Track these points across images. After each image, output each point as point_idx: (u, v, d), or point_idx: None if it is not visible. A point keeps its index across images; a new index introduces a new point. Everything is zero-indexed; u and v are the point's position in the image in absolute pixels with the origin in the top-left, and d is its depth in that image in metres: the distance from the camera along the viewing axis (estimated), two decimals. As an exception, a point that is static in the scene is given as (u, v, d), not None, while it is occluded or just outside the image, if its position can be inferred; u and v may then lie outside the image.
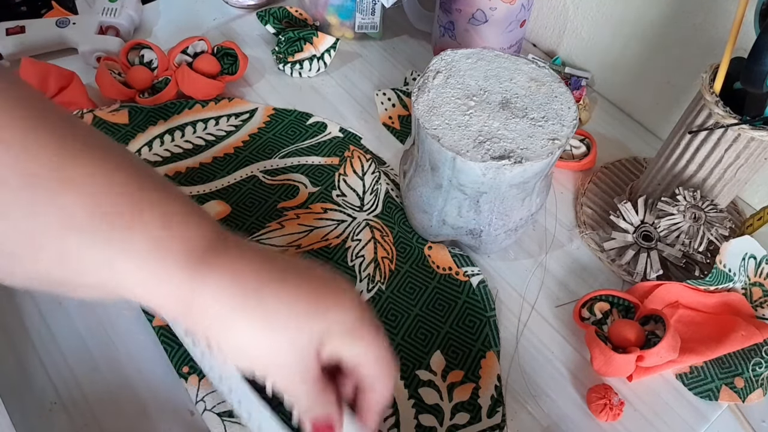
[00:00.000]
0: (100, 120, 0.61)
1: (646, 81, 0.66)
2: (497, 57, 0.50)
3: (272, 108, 0.65)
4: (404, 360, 0.49)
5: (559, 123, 0.46)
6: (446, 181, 0.47)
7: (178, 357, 0.47)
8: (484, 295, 0.52)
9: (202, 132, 0.62)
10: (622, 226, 0.55)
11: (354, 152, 0.62)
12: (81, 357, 0.47)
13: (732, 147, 0.48)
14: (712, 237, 0.51)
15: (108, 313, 0.50)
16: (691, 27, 0.59)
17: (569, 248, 0.57)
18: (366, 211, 0.57)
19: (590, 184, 0.61)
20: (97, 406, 0.45)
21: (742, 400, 0.48)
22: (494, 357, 0.49)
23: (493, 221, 0.50)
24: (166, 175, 0.58)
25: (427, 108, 0.46)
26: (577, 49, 0.71)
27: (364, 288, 0.52)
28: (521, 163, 0.43)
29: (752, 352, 0.50)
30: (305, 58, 0.68)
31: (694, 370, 0.50)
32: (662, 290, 0.51)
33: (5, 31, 0.64)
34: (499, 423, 0.46)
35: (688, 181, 0.52)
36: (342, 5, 0.70)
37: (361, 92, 0.69)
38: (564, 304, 0.53)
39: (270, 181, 0.59)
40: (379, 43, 0.75)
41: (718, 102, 0.47)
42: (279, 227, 0.55)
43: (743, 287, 0.52)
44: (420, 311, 0.51)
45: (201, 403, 0.45)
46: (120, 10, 0.68)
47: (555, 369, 0.50)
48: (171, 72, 0.64)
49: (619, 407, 0.46)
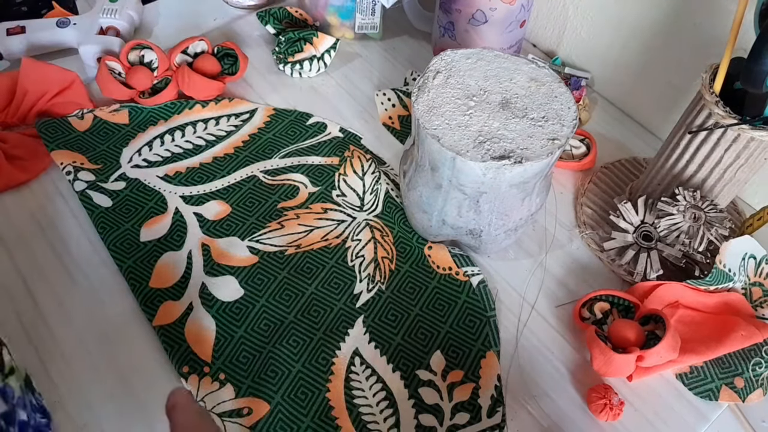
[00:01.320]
0: (101, 120, 0.61)
1: (646, 81, 0.66)
2: (497, 57, 0.50)
3: (272, 108, 0.65)
4: (404, 360, 0.49)
5: (559, 123, 0.46)
6: (446, 181, 0.47)
7: (178, 357, 0.47)
8: (484, 295, 0.52)
9: (202, 132, 0.62)
10: (622, 226, 0.55)
11: (354, 152, 0.62)
12: (81, 357, 0.47)
13: (732, 147, 0.48)
14: (712, 237, 0.51)
15: (108, 312, 0.50)
16: (691, 27, 0.59)
17: (569, 248, 0.57)
18: (366, 211, 0.57)
19: (590, 184, 0.61)
20: (97, 406, 0.45)
21: (742, 400, 0.48)
22: (494, 357, 0.49)
23: (493, 221, 0.50)
24: (166, 175, 0.58)
25: (427, 108, 0.46)
26: (576, 49, 0.71)
27: (363, 288, 0.52)
28: (521, 163, 0.43)
29: (752, 352, 0.50)
30: (305, 59, 0.68)
31: (694, 370, 0.50)
32: (662, 290, 0.51)
33: (6, 31, 0.64)
34: (499, 423, 0.46)
35: (688, 181, 0.53)
36: (342, 6, 0.70)
37: (361, 92, 0.69)
38: (564, 304, 0.53)
39: (270, 181, 0.59)
40: (379, 43, 0.75)
41: (717, 102, 0.47)
42: (279, 227, 0.55)
43: (743, 287, 0.52)
44: (420, 311, 0.51)
45: (201, 404, 0.45)
46: (120, 10, 0.68)
47: (555, 369, 0.50)
48: (171, 72, 0.64)
49: (619, 407, 0.46)
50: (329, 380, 0.47)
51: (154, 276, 0.51)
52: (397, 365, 0.48)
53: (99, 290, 0.51)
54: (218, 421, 0.44)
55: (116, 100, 0.63)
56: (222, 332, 0.49)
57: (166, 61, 0.64)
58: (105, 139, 0.60)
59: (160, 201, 0.56)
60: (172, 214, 0.56)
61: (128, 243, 0.53)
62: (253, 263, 0.53)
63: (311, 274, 0.53)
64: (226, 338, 0.49)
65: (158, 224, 0.55)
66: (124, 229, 0.54)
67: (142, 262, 0.52)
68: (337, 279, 0.53)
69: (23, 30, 0.65)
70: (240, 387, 0.46)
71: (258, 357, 0.48)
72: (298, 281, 0.52)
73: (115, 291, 0.51)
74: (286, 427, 0.45)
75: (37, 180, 0.58)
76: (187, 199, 0.57)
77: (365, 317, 0.51)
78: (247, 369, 0.47)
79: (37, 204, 0.56)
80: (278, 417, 0.45)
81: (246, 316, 0.50)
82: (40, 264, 0.52)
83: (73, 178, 0.56)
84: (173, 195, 0.57)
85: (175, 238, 0.54)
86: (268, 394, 0.46)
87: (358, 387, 0.47)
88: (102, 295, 0.51)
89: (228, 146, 0.61)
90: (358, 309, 0.51)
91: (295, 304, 0.51)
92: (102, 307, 0.50)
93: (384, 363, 0.48)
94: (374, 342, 0.49)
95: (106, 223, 0.54)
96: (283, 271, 0.53)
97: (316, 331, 0.49)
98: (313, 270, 0.53)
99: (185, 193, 0.57)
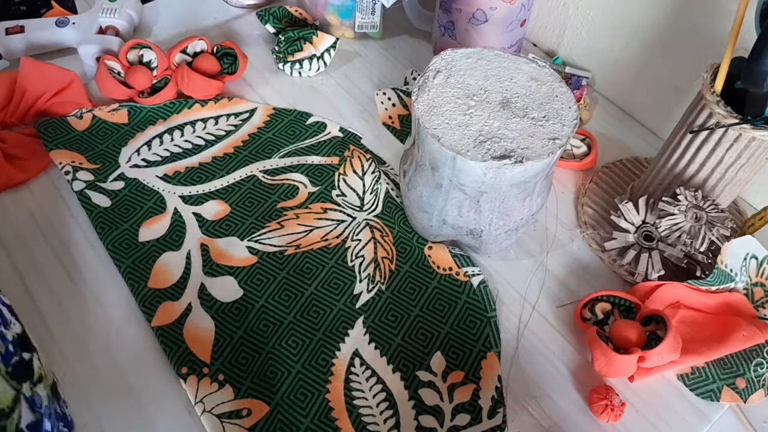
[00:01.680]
0: (100, 120, 0.61)
1: (646, 80, 0.66)
2: (497, 56, 0.50)
3: (272, 107, 0.65)
4: (404, 360, 0.48)
5: (559, 122, 0.46)
6: (446, 180, 0.47)
7: (177, 357, 0.47)
8: (484, 296, 0.52)
9: (201, 131, 0.62)
10: (623, 226, 0.55)
11: (354, 152, 0.62)
12: (80, 357, 0.47)
13: (733, 147, 0.48)
14: (714, 237, 0.51)
15: (107, 312, 0.50)
16: (692, 27, 0.59)
17: (570, 248, 0.57)
18: (366, 211, 0.57)
19: (591, 184, 0.61)
20: (97, 406, 0.45)
21: (744, 400, 0.48)
22: (495, 357, 0.49)
23: (494, 221, 0.49)
24: (165, 174, 0.58)
25: (427, 107, 0.46)
26: (577, 48, 0.71)
27: (363, 288, 0.52)
28: (522, 163, 0.43)
29: (754, 353, 0.50)
30: (305, 58, 0.68)
31: (696, 370, 0.49)
32: (663, 290, 0.51)
33: (5, 31, 0.64)
34: (499, 424, 0.46)
35: (689, 181, 0.52)
36: (342, 5, 0.70)
37: (361, 92, 0.69)
38: (565, 304, 0.53)
39: (270, 181, 0.59)
40: (379, 42, 0.74)
41: (719, 102, 0.47)
42: (279, 227, 0.55)
43: (745, 287, 0.52)
44: (420, 311, 0.51)
45: (200, 404, 0.45)
46: (120, 9, 0.68)
47: (556, 369, 0.49)
48: (171, 72, 0.64)
49: (621, 408, 0.46)
50: (329, 381, 0.47)
51: (153, 276, 0.51)
52: (398, 366, 0.48)
53: (97, 290, 0.51)
54: (217, 422, 0.44)
55: (115, 99, 0.63)
56: (221, 333, 0.49)
57: (166, 60, 0.64)
58: (104, 139, 0.60)
59: (159, 201, 0.56)
60: (171, 214, 0.55)
61: (127, 243, 0.53)
62: (252, 263, 0.53)
63: (311, 275, 0.52)
64: (226, 339, 0.48)
65: (157, 224, 0.55)
66: (122, 229, 0.54)
67: (141, 262, 0.52)
68: (336, 279, 0.52)
69: (22, 29, 0.65)
70: (239, 388, 0.46)
71: (257, 358, 0.48)
72: (298, 281, 0.52)
73: (113, 291, 0.51)
74: (286, 428, 0.45)
75: (36, 180, 0.57)
76: (186, 199, 0.57)
77: (365, 318, 0.50)
78: (246, 370, 0.47)
79: (35, 204, 0.56)
80: (278, 418, 0.45)
81: (245, 316, 0.50)
82: (39, 264, 0.52)
83: (72, 177, 0.56)
84: (172, 195, 0.57)
85: (174, 238, 0.54)
86: (267, 395, 0.46)
87: (358, 388, 0.47)
88: (100, 296, 0.51)
89: (227, 146, 0.61)
90: (358, 309, 0.51)
91: (294, 304, 0.51)
92: (101, 308, 0.50)
93: (384, 364, 0.48)
94: (374, 343, 0.49)
95: (104, 223, 0.54)
96: (282, 272, 0.52)
97: (315, 332, 0.49)
98: (313, 270, 0.53)
99: (184, 192, 0.57)
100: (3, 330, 0.35)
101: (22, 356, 0.36)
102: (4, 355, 0.34)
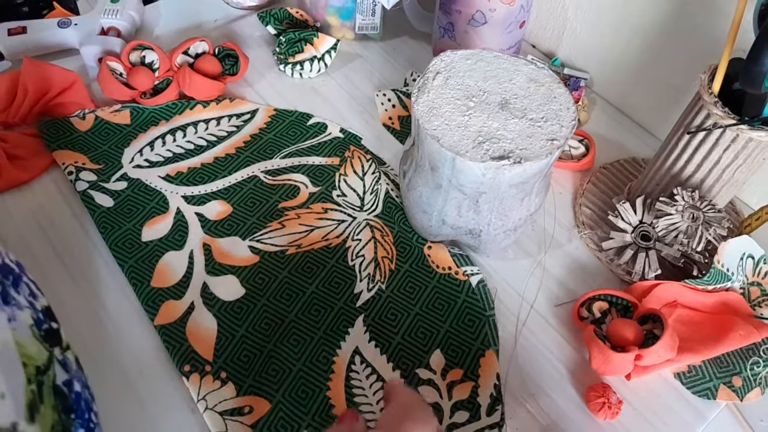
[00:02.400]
0: (102, 120, 0.62)
1: (644, 81, 0.66)
2: (497, 58, 0.51)
3: (273, 108, 0.66)
4: (404, 359, 0.49)
5: (558, 123, 0.46)
6: (446, 181, 0.47)
7: (180, 355, 0.47)
8: (483, 295, 0.52)
9: (203, 132, 0.62)
10: (621, 226, 0.55)
11: (354, 152, 0.62)
12: (81, 356, 0.47)
13: (730, 147, 0.48)
14: (711, 237, 0.51)
15: (108, 312, 0.50)
16: (690, 28, 0.59)
17: (568, 248, 0.57)
18: (366, 211, 0.58)
19: (589, 185, 0.62)
20: (100, 403, 0.45)
21: (740, 399, 0.48)
22: (493, 356, 0.49)
23: (493, 221, 0.50)
24: (167, 175, 0.59)
25: (427, 108, 0.47)
26: (576, 50, 0.71)
27: (364, 287, 0.52)
28: (520, 164, 0.44)
29: (750, 352, 0.50)
30: (306, 59, 0.68)
31: (693, 369, 0.50)
32: (660, 290, 0.51)
33: (7, 32, 0.65)
34: (498, 421, 0.46)
35: (686, 182, 0.53)
36: (342, 6, 0.71)
37: (361, 93, 0.69)
38: (563, 303, 0.53)
39: (271, 181, 0.59)
40: (380, 44, 0.75)
41: (716, 102, 0.47)
42: (280, 227, 0.56)
43: (741, 287, 0.53)
44: (420, 310, 0.52)
45: (202, 402, 0.45)
46: (121, 10, 0.68)
47: (554, 368, 0.50)
48: (172, 73, 0.65)
49: (618, 406, 0.47)
50: (330, 379, 0.47)
51: (156, 276, 0.52)
52: (397, 364, 0.49)
53: (100, 290, 0.51)
54: (220, 420, 0.45)
55: (117, 100, 0.63)
56: (223, 331, 0.49)
57: (167, 61, 0.64)
58: (106, 139, 0.60)
59: (161, 201, 0.57)
60: (173, 214, 0.56)
61: (130, 243, 0.53)
62: (254, 263, 0.53)
63: (312, 274, 0.53)
64: (228, 337, 0.49)
65: (160, 224, 0.55)
66: (125, 229, 0.54)
67: (144, 261, 0.52)
68: (337, 278, 0.53)
69: (24, 30, 0.65)
70: (241, 386, 0.47)
71: (259, 356, 0.48)
72: (299, 281, 0.52)
73: (116, 291, 0.51)
74: (287, 426, 0.45)
75: (39, 180, 0.58)
76: (188, 199, 0.57)
77: (365, 316, 0.51)
78: (248, 368, 0.47)
79: (38, 204, 0.56)
80: (279, 415, 0.45)
81: (247, 315, 0.50)
82: (41, 264, 0.52)
83: (75, 178, 0.57)
84: (175, 195, 0.57)
85: (177, 237, 0.54)
86: (269, 392, 0.46)
87: (359, 385, 0.47)
88: (103, 295, 0.51)
89: (229, 146, 0.62)
90: (359, 308, 0.51)
91: (295, 303, 0.51)
92: (103, 307, 0.50)
93: (384, 362, 0.49)
94: (374, 341, 0.50)
95: (107, 222, 0.54)
96: (283, 271, 0.53)
97: (316, 330, 0.50)
98: (314, 269, 0.53)
99: (187, 193, 0.57)
100: (33, 300, 0.37)
101: (51, 325, 0.37)
102: (36, 321, 0.36)
